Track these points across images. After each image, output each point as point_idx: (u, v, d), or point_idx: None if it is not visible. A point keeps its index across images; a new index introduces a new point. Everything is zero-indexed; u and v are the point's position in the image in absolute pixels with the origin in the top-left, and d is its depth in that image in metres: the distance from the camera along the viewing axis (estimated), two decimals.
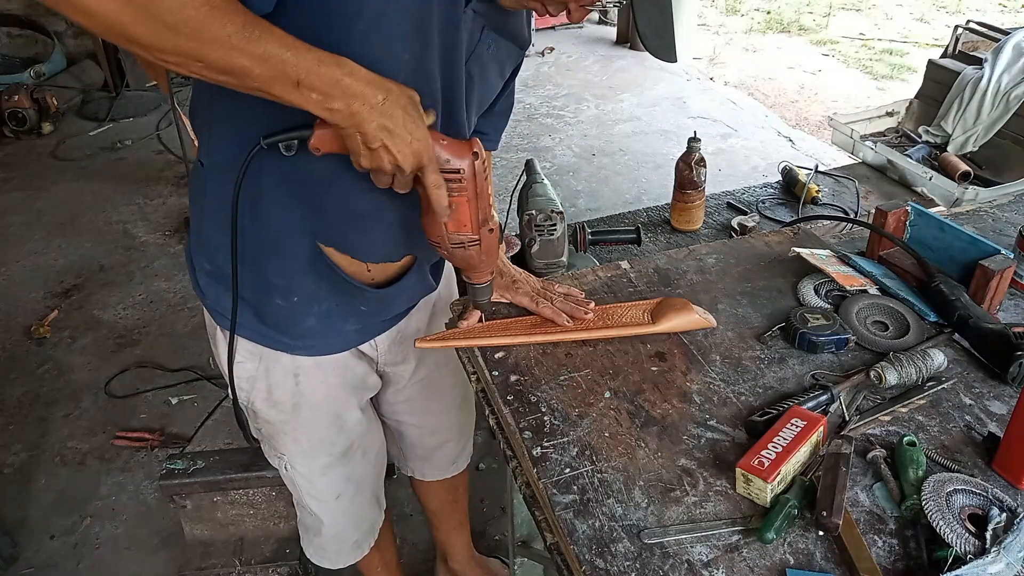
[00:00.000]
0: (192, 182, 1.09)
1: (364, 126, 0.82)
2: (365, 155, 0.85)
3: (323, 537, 1.43)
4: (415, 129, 0.85)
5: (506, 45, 1.05)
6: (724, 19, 6.38)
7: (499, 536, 2.05)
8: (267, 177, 0.97)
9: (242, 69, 0.78)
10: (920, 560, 0.81)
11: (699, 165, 2.42)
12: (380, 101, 0.82)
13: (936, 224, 1.23)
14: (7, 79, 4.51)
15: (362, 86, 0.81)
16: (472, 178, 0.92)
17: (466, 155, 0.91)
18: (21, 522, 2.13)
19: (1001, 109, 2.77)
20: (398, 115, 0.84)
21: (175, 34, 0.74)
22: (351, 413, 1.28)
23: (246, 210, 0.97)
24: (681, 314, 1.13)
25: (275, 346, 1.14)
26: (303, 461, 1.29)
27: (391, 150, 0.84)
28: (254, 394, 1.18)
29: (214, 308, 1.13)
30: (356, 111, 0.81)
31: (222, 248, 1.01)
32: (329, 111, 0.81)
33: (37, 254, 3.33)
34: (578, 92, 4.65)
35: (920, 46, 5.64)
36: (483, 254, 1.01)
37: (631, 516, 0.86)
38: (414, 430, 1.49)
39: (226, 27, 0.75)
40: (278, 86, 0.79)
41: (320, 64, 0.79)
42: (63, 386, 2.61)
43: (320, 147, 0.88)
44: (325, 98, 0.80)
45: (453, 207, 0.94)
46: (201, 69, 0.78)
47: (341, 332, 1.16)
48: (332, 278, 1.08)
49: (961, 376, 1.06)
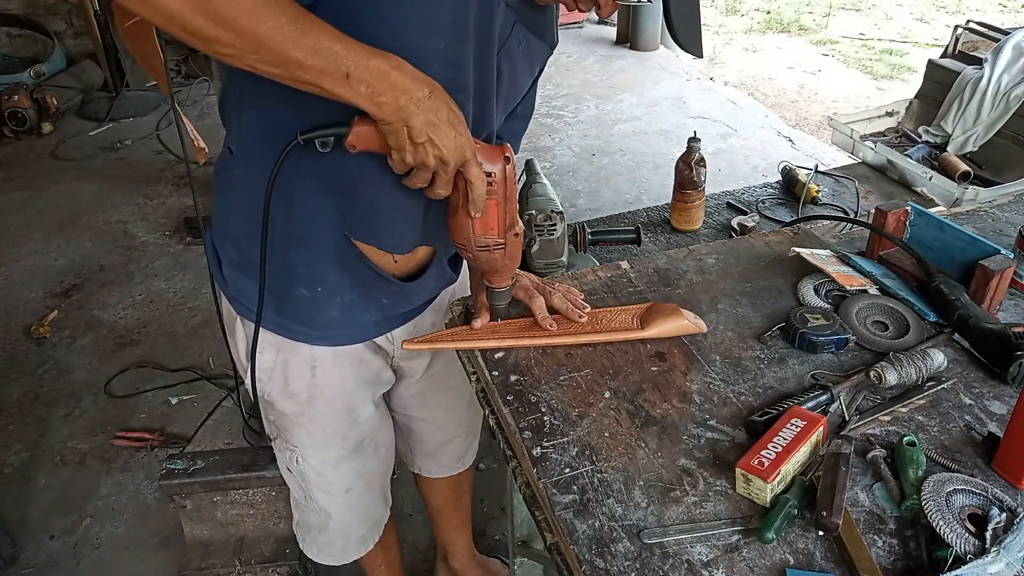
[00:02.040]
0: (218, 171, 1.09)
1: (412, 119, 0.83)
2: (410, 151, 0.86)
3: (330, 532, 1.43)
4: (458, 124, 0.87)
5: (535, 42, 1.05)
6: (724, 19, 6.38)
7: (499, 536, 2.06)
8: (298, 170, 0.97)
9: (295, 61, 0.79)
10: (920, 560, 0.81)
11: (699, 165, 2.42)
12: (426, 95, 0.84)
13: (936, 224, 1.23)
14: (7, 79, 4.51)
15: (409, 81, 0.83)
16: (503, 182, 0.95)
17: (498, 159, 0.94)
18: (21, 522, 2.13)
19: (1001, 109, 2.77)
20: (443, 111, 0.85)
21: (231, 26, 0.76)
22: (365, 407, 1.29)
23: (277, 201, 0.98)
24: (670, 319, 1.13)
25: (295, 336, 1.14)
26: (315, 454, 1.29)
27: (437, 144, 0.86)
28: (270, 385, 1.19)
29: (235, 298, 1.14)
30: (403, 105, 0.82)
31: (250, 237, 1.02)
32: (378, 105, 0.82)
33: (37, 254, 3.33)
34: (578, 92, 4.65)
35: (920, 46, 5.65)
36: (507, 258, 1.03)
37: (631, 516, 0.86)
38: (423, 425, 1.50)
39: (279, 19, 0.77)
40: (328, 79, 0.80)
41: (370, 57, 0.81)
42: (63, 386, 2.61)
43: (356, 144, 0.89)
44: (374, 91, 0.81)
45: (483, 210, 0.96)
46: (256, 62, 0.80)
47: (361, 323, 1.17)
48: (357, 269, 1.09)
49: (961, 376, 1.06)
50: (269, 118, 0.96)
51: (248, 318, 1.12)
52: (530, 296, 1.18)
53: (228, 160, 1.06)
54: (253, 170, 0.98)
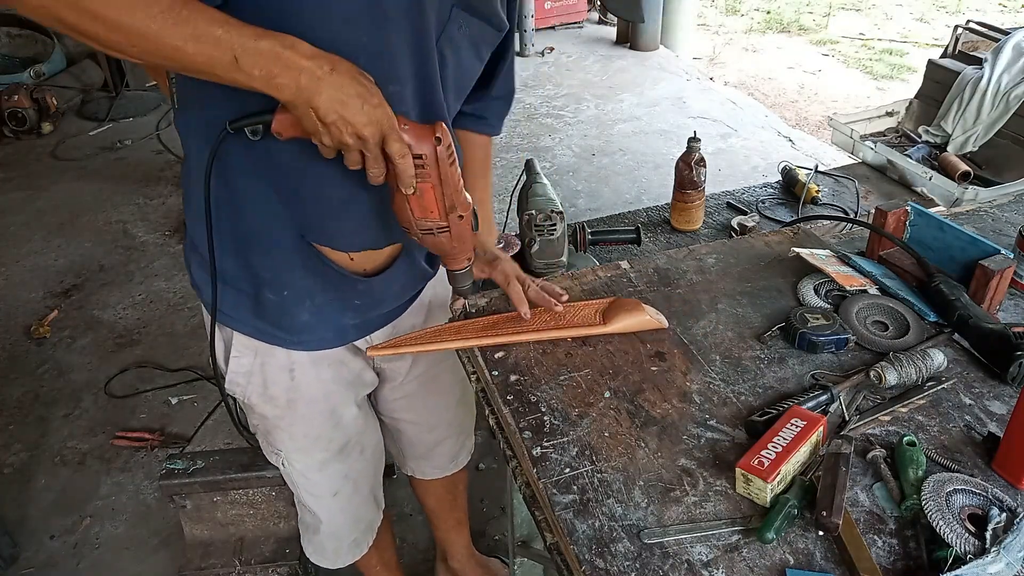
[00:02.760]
0: (181, 181, 1.09)
1: (315, 99, 0.80)
2: (323, 132, 0.83)
3: (321, 535, 1.43)
4: (370, 96, 0.82)
5: (479, 25, 1.02)
6: (724, 19, 6.38)
7: (499, 536, 2.05)
8: (240, 166, 0.96)
9: (175, 51, 0.77)
10: (920, 560, 0.81)
11: (699, 165, 2.42)
12: (327, 71, 0.80)
13: (936, 224, 1.23)
14: (7, 79, 4.51)
15: (305, 59, 0.79)
16: (435, 163, 0.90)
17: (427, 140, 0.89)
18: (21, 522, 2.13)
19: (1001, 109, 2.77)
20: (349, 85, 0.81)
21: (100, 19, 0.74)
22: (347, 409, 1.28)
23: (223, 202, 0.97)
24: (632, 315, 1.13)
25: (270, 340, 1.13)
26: (299, 457, 1.29)
27: (349, 120, 0.81)
28: (250, 389, 1.18)
29: (207, 302, 1.13)
30: (304, 85, 0.79)
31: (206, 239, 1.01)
32: (276, 88, 0.79)
33: (37, 254, 3.33)
34: (578, 92, 4.65)
35: (920, 46, 5.65)
36: (454, 240, 0.99)
37: (631, 516, 0.86)
38: (412, 427, 1.49)
39: (150, 9, 0.75)
40: (218, 66, 0.78)
41: (258, 39, 0.78)
42: (63, 386, 2.61)
43: (282, 131, 0.86)
44: (268, 74, 0.78)
45: (418, 192, 0.92)
46: (140, 54, 0.78)
47: (337, 326, 1.16)
48: (321, 271, 1.07)
49: (961, 376, 1.06)
50: (206, 117, 0.95)
51: (223, 323, 1.12)
52: (508, 282, 1.18)
53: (183, 168, 1.06)
54: (199, 170, 0.96)
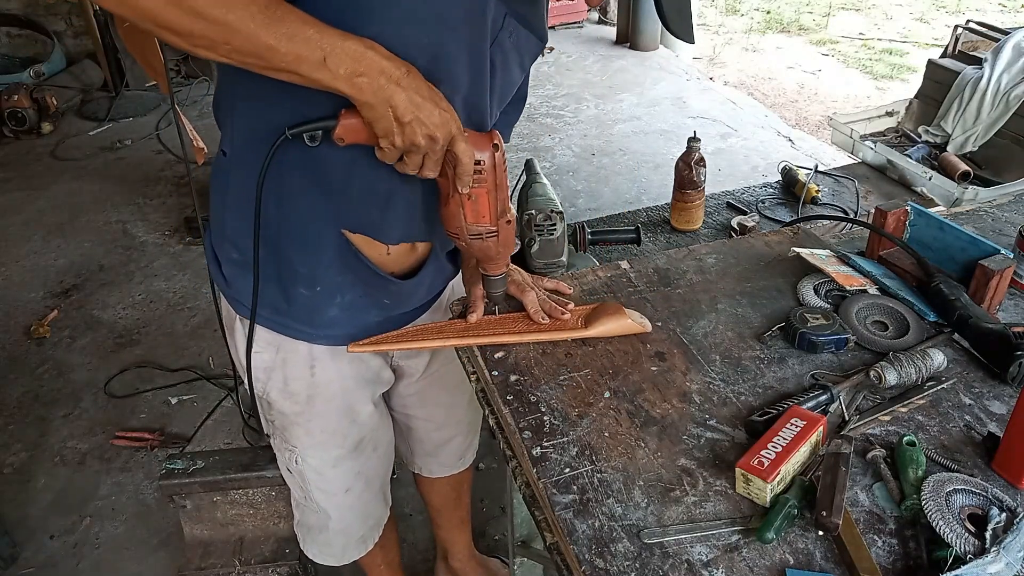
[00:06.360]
0: (214, 173, 1.09)
1: (395, 99, 0.83)
2: (398, 132, 0.85)
3: (329, 532, 1.43)
4: (440, 100, 0.87)
5: (526, 35, 1.04)
6: (724, 19, 6.38)
7: (499, 536, 2.06)
8: (289, 166, 0.97)
9: (268, 49, 0.79)
10: (920, 560, 0.81)
11: (699, 165, 2.41)
12: (404, 74, 0.84)
13: (936, 224, 1.23)
14: (7, 79, 4.51)
15: (385, 61, 0.83)
16: (492, 170, 0.95)
17: (487, 147, 0.94)
18: (21, 522, 2.13)
19: (1001, 109, 2.77)
20: (423, 88, 0.85)
21: (202, 16, 0.76)
22: (364, 407, 1.29)
23: (270, 199, 0.98)
24: (613, 319, 1.14)
25: (295, 335, 1.14)
26: (315, 453, 1.29)
27: (424, 121, 0.85)
28: (270, 384, 1.19)
29: (236, 298, 1.14)
30: (383, 85, 0.82)
31: (248, 237, 1.02)
32: (357, 87, 0.82)
33: (37, 254, 3.33)
34: (578, 92, 4.65)
35: (920, 46, 5.65)
36: (500, 245, 1.04)
37: (631, 516, 0.86)
38: (423, 424, 1.50)
39: (249, 7, 0.77)
40: (305, 64, 0.80)
41: (344, 39, 0.81)
42: (63, 386, 2.61)
43: (344, 137, 0.88)
44: (352, 72, 0.81)
45: (473, 198, 0.96)
46: (230, 52, 0.80)
47: (363, 323, 1.17)
48: (357, 269, 1.08)
49: (961, 376, 1.06)
50: (259, 117, 0.96)
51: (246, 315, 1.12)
52: (522, 291, 1.19)
53: (223, 162, 1.06)
54: (246, 170, 0.98)
